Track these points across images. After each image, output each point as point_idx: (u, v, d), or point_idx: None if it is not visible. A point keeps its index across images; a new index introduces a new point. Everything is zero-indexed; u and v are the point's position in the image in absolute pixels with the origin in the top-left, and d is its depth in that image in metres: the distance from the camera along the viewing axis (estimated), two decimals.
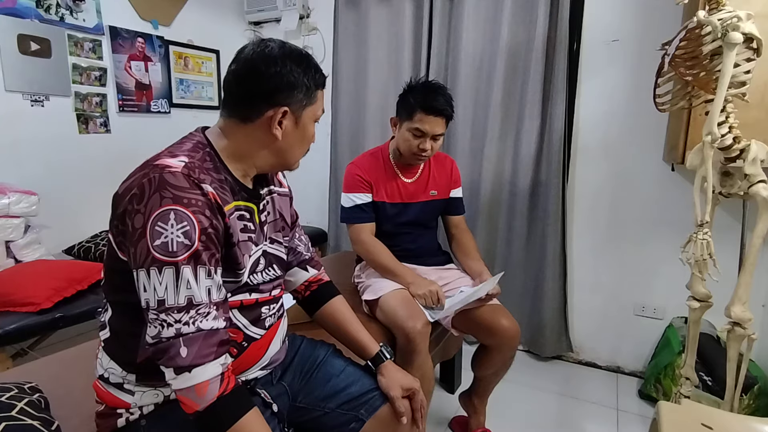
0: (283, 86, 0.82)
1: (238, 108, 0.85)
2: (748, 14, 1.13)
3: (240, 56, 0.84)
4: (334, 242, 2.90)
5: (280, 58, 0.82)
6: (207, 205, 0.76)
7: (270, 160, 0.90)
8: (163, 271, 0.71)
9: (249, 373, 0.94)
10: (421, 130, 1.48)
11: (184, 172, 0.75)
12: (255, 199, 0.92)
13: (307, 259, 1.13)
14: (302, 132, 0.89)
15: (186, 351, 0.72)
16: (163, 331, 0.72)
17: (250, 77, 0.82)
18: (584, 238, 2.25)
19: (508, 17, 2.16)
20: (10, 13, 2.00)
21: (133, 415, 0.83)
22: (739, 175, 1.25)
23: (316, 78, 0.87)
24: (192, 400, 0.73)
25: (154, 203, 0.72)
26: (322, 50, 2.89)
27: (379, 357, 1.07)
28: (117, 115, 2.45)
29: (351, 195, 1.60)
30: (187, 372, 0.72)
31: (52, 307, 1.67)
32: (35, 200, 1.98)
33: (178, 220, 0.72)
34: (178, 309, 0.72)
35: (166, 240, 0.71)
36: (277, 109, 0.83)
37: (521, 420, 1.85)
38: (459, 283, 1.57)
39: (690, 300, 1.36)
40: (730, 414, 1.24)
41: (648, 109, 1.62)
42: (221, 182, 0.83)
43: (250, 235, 0.89)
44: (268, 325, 0.95)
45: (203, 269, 0.75)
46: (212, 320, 0.75)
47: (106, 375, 0.85)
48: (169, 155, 0.79)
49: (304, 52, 0.87)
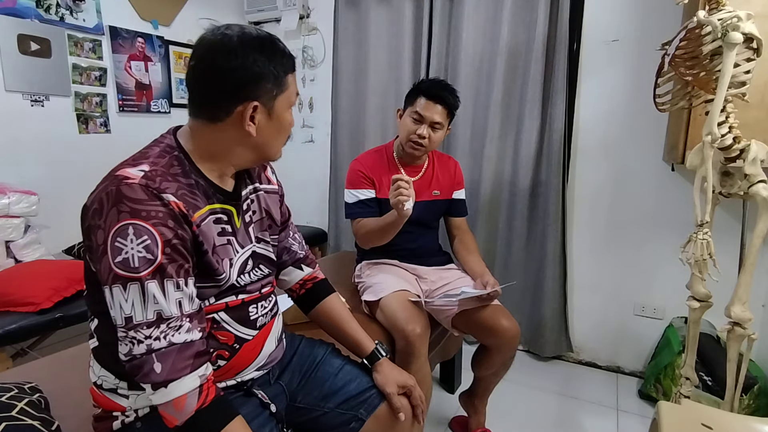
0: (249, 80, 0.76)
1: (204, 108, 0.80)
2: (748, 14, 1.12)
3: (197, 51, 0.77)
4: (334, 242, 2.90)
5: (240, 49, 0.75)
6: (169, 215, 0.72)
7: (248, 157, 0.85)
8: (127, 288, 0.69)
9: (245, 374, 0.93)
10: (420, 113, 1.51)
11: (141, 183, 0.72)
12: (233, 201, 0.88)
13: (301, 257, 1.11)
14: (278, 123, 0.83)
15: (160, 366, 0.70)
16: (134, 348, 0.70)
17: (211, 74, 0.76)
18: (584, 238, 2.25)
19: (508, 17, 2.16)
20: (10, 13, 2.00)
21: (129, 418, 0.83)
22: (739, 175, 1.25)
23: (284, 63, 0.80)
24: (171, 414, 0.72)
25: (113, 218, 0.69)
26: (322, 50, 2.89)
27: (374, 354, 1.06)
28: (117, 115, 2.45)
29: (354, 191, 1.60)
30: (163, 387, 0.71)
31: (52, 307, 1.67)
32: (35, 200, 1.98)
33: (138, 234, 0.69)
34: (147, 324, 0.70)
35: (126, 256, 0.69)
36: (247, 104, 0.77)
37: (521, 420, 1.85)
38: (459, 284, 1.57)
39: (690, 300, 1.36)
40: (730, 414, 1.24)
41: (648, 109, 1.62)
42: (191, 187, 0.79)
43: (229, 239, 0.86)
44: (259, 325, 0.93)
45: (171, 282, 0.72)
46: (185, 333, 0.73)
47: (99, 382, 0.84)
48: (131, 163, 0.76)
49: (266, 36, 0.79)
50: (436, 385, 2.03)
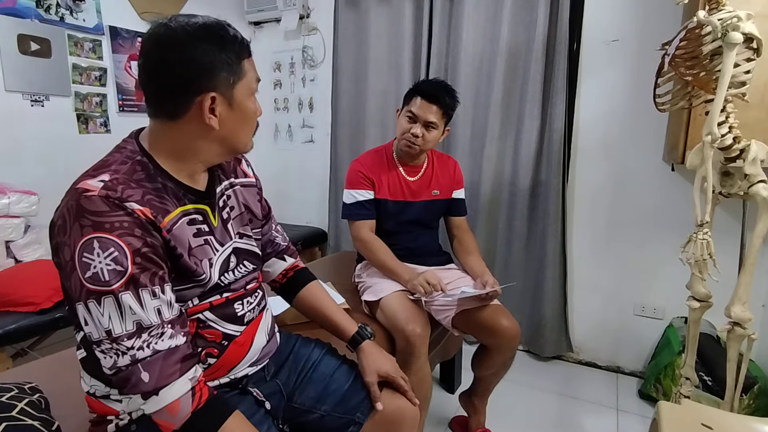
0: (201, 71, 0.73)
1: (161, 106, 0.77)
2: (748, 14, 1.12)
3: (143, 47, 0.75)
4: (334, 242, 2.90)
5: (187, 40, 0.72)
6: (135, 223, 0.70)
7: (216, 151, 0.82)
8: (102, 302, 0.68)
9: (238, 370, 0.92)
10: (413, 113, 1.51)
11: (101, 194, 0.69)
12: (206, 200, 0.86)
13: (284, 248, 1.12)
14: (241, 112, 0.80)
15: (147, 375, 0.69)
16: (119, 359, 0.69)
17: (160, 70, 0.73)
18: (584, 238, 2.25)
19: (508, 17, 2.16)
20: (10, 13, 2.00)
21: (123, 421, 0.82)
22: (739, 175, 1.25)
23: (237, 50, 0.77)
24: (166, 420, 0.71)
25: (76, 234, 0.67)
26: (322, 50, 2.89)
27: (356, 338, 1.05)
28: (117, 115, 2.45)
29: (353, 191, 1.60)
30: (155, 395, 0.70)
31: (52, 307, 1.67)
32: (35, 200, 1.98)
33: (104, 248, 0.67)
34: (128, 336, 0.69)
35: (95, 270, 0.67)
36: (204, 96, 0.74)
37: (521, 420, 1.85)
38: (459, 283, 1.57)
39: (690, 300, 1.36)
40: (730, 414, 1.24)
41: (648, 109, 1.62)
42: (158, 191, 0.77)
43: (207, 238, 0.84)
44: (246, 321, 0.92)
45: (146, 291, 0.70)
46: (168, 339, 0.72)
47: (92, 390, 0.84)
48: (91, 174, 0.73)
49: (213, 23, 0.76)
50: (436, 385, 2.03)
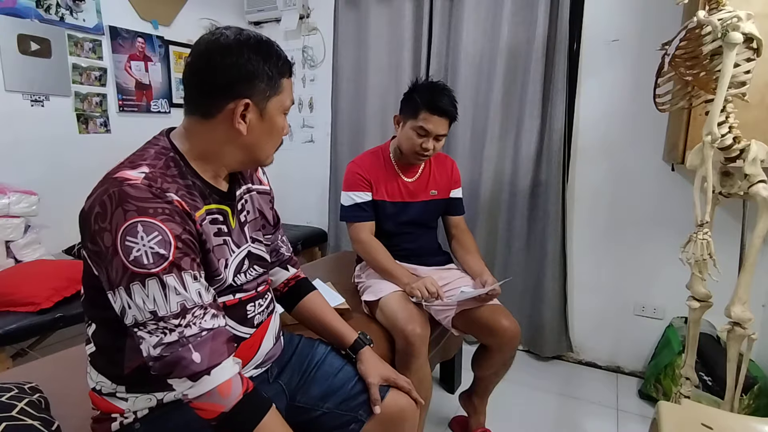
0: (242, 77, 0.77)
1: (198, 104, 0.81)
2: (748, 14, 1.12)
3: (195, 48, 0.79)
4: (334, 242, 2.90)
5: (236, 47, 0.77)
6: (175, 212, 0.73)
7: (238, 157, 0.85)
8: (146, 284, 0.69)
9: (243, 372, 0.93)
10: (425, 128, 1.49)
11: (144, 183, 0.72)
12: (228, 201, 0.89)
13: (287, 258, 1.14)
14: (269, 125, 0.83)
15: (199, 356, 0.70)
16: (165, 337, 0.69)
17: (206, 70, 0.78)
18: (584, 238, 2.25)
19: (508, 17, 2.16)
20: (10, 13, 2.00)
21: (128, 419, 0.83)
22: (739, 175, 1.25)
23: (279, 66, 0.81)
24: (215, 403, 0.71)
25: (119, 219, 0.69)
26: (322, 50, 2.89)
27: (357, 344, 1.07)
28: (117, 115, 2.45)
29: (351, 193, 1.60)
30: (207, 375, 0.70)
31: (52, 307, 1.67)
32: (35, 200, 1.99)
33: (148, 231, 0.69)
34: (174, 316, 0.70)
35: (139, 254, 0.68)
36: (238, 101, 0.78)
37: (521, 420, 1.85)
38: (459, 283, 1.57)
39: (690, 300, 1.36)
40: (730, 414, 1.24)
41: (648, 109, 1.62)
42: (189, 188, 0.80)
43: (225, 239, 0.86)
44: (257, 323, 0.94)
45: (188, 274, 0.72)
46: (211, 319, 0.74)
47: (97, 387, 0.84)
48: (129, 166, 0.76)
49: (264, 38, 0.81)
50: (436, 385, 2.03)
